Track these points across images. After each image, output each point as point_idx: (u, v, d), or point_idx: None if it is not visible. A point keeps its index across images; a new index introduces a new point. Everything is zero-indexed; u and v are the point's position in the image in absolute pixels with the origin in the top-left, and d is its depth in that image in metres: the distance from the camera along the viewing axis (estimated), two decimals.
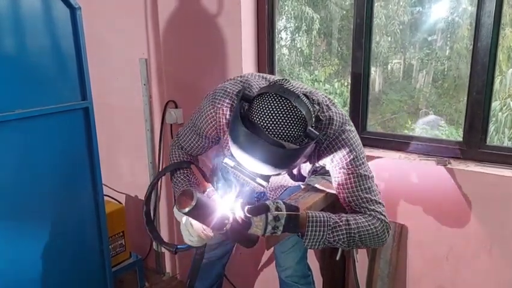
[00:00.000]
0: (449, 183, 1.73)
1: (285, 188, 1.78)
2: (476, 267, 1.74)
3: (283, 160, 1.23)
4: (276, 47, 2.27)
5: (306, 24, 4.27)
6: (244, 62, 2.17)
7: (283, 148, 1.17)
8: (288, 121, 1.15)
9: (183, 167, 1.60)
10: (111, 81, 2.79)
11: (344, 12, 3.25)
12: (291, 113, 1.15)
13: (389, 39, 3.63)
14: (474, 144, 1.77)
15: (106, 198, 2.56)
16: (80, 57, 1.96)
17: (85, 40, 1.95)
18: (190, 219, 1.33)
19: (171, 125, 2.53)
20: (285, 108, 1.15)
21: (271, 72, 2.26)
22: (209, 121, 1.49)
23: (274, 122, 1.15)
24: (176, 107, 2.49)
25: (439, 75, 3.15)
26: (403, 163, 1.84)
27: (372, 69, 3.67)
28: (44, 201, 1.91)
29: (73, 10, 1.91)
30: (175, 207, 1.24)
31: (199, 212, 1.19)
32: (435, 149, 1.86)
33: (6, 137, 1.72)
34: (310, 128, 1.20)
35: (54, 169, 1.93)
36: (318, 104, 1.39)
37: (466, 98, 1.77)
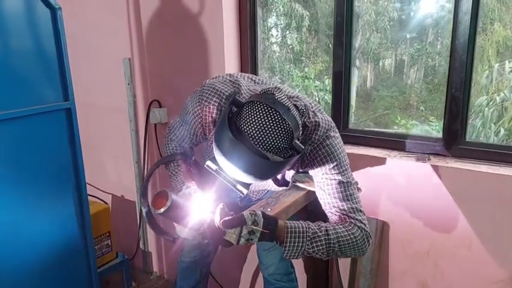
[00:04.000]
0: (429, 180, 1.75)
1: (267, 190, 1.79)
2: (456, 262, 1.76)
3: (265, 171, 1.21)
4: (266, 44, 2.27)
5: (296, 21, 4.27)
6: (227, 60, 2.17)
7: (267, 159, 1.16)
8: (275, 133, 1.14)
9: (176, 159, 1.61)
10: (96, 81, 2.78)
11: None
12: (278, 125, 1.14)
13: (380, 35, 3.64)
14: (453, 140, 1.79)
15: (91, 198, 2.56)
16: (62, 57, 1.94)
17: (66, 40, 1.93)
18: None
19: (155, 124, 2.53)
20: (273, 119, 1.14)
21: (254, 70, 2.26)
22: (195, 118, 1.48)
23: (261, 133, 1.13)
24: (160, 106, 2.49)
25: (430, 71, 3.17)
26: (384, 160, 1.85)
27: (364, 65, 3.68)
28: (27, 202, 1.89)
29: (54, 11, 1.90)
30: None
31: (174, 214, 1.20)
32: (416, 146, 1.88)
33: None
34: (296, 141, 1.19)
35: (37, 170, 1.91)
36: (305, 109, 1.39)
37: (445, 95, 1.79)
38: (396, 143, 1.92)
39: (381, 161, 1.86)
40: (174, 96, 2.40)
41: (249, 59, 2.24)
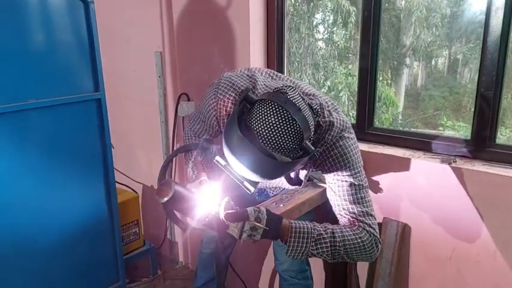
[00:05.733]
0: (453, 183, 1.67)
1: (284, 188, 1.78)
2: (480, 269, 1.67)
3: (272, 171, 1.19)
4: (310, 41, 2.24)
5: (342, 17, 4.17)
6: (252, 56, 2.17)
7: (274, 159, 1.13)
8: (283, 133, 1.11)
9: (190, 150, 1.61)
10: (129, 73, 2.87)
11: (386, 4, 3.15)
12: (288, 126, 1.11)
13: (432, 32, 3.50)
14: (482, 142, 1.70)
15: (122, 187, 2.65)
16: (93, 49, 2.02)
17: (97, 33, 2.00)
18: None
19: (183, 117, 2.57)
20: (283, 120, 1.11)
21: (280, 66, 2.25)
22: (211, 111, 1.50)
23: (269, 132, 1.11)
24: (188, 99, 2.53)
25: None
26: (408, 161, 1.79)
27: (415, 63, 3.54)
28: (59, 185, 2.00)
29: (86, 4, 1.97)
30: None
31: (177, 204, 1.22)
32: (442, 147, 1.80)
33: (8, 128, 1.79)
34: (306, 141, 1.16)
35: (67, 158, 2.01)
36: (320, 108, 1.37)
37: (475, 95, 1.71)
38: (422, 144, 1.85)
39: (404, 162, 1.80)
40: (202, 90, 2.43)
41: (275, 56, 2.22)
